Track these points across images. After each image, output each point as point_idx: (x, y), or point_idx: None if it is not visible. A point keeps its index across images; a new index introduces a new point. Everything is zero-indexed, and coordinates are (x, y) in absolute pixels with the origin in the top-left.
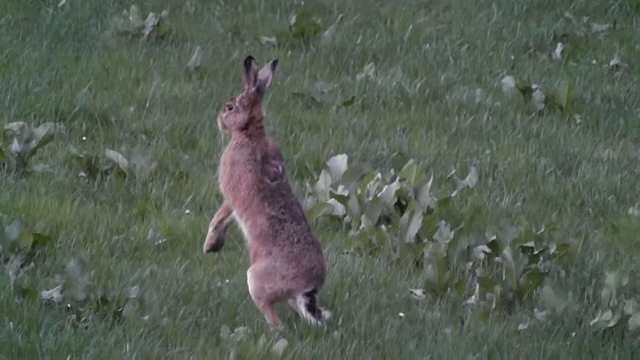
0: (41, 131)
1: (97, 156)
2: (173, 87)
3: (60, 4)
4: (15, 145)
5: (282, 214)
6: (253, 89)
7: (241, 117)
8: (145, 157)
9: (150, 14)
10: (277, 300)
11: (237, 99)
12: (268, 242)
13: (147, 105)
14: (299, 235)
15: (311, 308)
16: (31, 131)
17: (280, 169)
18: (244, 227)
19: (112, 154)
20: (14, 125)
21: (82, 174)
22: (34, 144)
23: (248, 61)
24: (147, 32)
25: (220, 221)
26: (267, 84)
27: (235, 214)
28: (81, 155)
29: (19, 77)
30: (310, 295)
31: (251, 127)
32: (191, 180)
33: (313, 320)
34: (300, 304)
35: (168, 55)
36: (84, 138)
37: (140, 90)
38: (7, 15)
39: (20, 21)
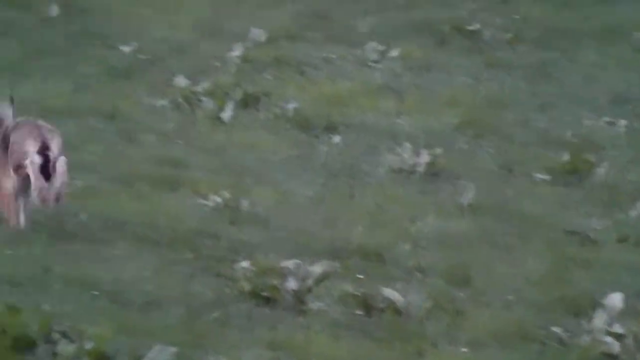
0: (317, 269)
1: (372, 294)
2: (446, 225)
3: (334, 141)
4: (291, 283)
5: None
6: None
7: None
8: (421, 295)
9: (424, 151)
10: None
11: None
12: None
13: (421, 242)
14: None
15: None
16: (307, 269)
17: None
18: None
19: (387, 291)
20: (290, 263)
21: (358, 311)
22: (310, 282)
23: None
24: (420, 169)
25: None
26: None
27: None
28: (357, 293)
29: (294, 214)
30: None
31: None
32: (467, 318)
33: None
34: (34, 165)
35: (441, 192)
36: (359, 276)
37: (414, 228)
38: (281, 152)
39: (294, 158)
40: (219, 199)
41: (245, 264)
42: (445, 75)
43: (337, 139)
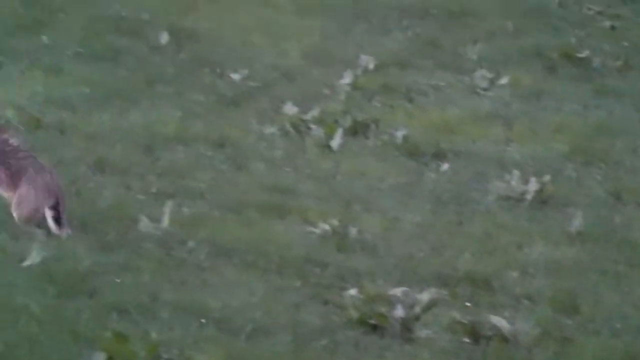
0: (425, 297)
1: (480, 321)
2: (555, 252)
3: (442, 169)
4: (399, 311)
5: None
6: None
7: None
8: (529, 323)
9: (532, 179)
10: (31, 219)
11: None
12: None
13: (529, 270)
14: (28, 166)
15: (57, 220)
16: (415, 297)
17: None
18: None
19: (495, 319)
20: (398, 291)
21: (466, 339)
22: (417, 309)
23: None
24: (529, 196)
25: None
26: None
27: None
28: (465, 321)
29: (401, 242)
30: (55, 209)
31: None
32: (575, 346)
33: (57, 230)
34: (48, 219)
35: (550, 220)
36: (467, 303)
37: (522, 255)
38: (389, 179)
39: (402, 185)
40: (327, 227)
41: (353, 291)
42: (554, 103)
43: (445, 166)
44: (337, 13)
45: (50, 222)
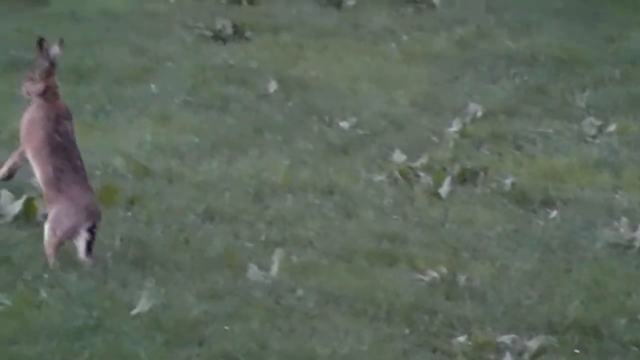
0: (534, 344)
1: None
2: None
3: (550, 216)
4: (508, 358)
5: (64, 164)
6: (47, 64)
7: (39, 86)
8: None
9: None
10: (65, 238)
11: (37, 72)
12: (53, 188)
13: (638, 317)
14: (75, 182)
15: (89, 246)
16: (524, 344)
17: (69, 127)
18: (36, 172)
19: None
20: (507, 338)
21: None
22: (526, 357)
23: (40, 42)
24: (637, 243)
25: (15, 162)
26: (57, 59)
27: (29, 159)
28: None
29: (510, 289)
30: (91, 232)
31: (47, 94)
32: None
33: (86, 258)
34: (82, 240)
35: None
36: (576, 351)
37: (631, 302)
38: (498, 227)
39: (511, 233)
40: (435, 274)
41: (462, 339)
42: None
43: (554, 213)
44: (445, 61)
45: (82, 246)
